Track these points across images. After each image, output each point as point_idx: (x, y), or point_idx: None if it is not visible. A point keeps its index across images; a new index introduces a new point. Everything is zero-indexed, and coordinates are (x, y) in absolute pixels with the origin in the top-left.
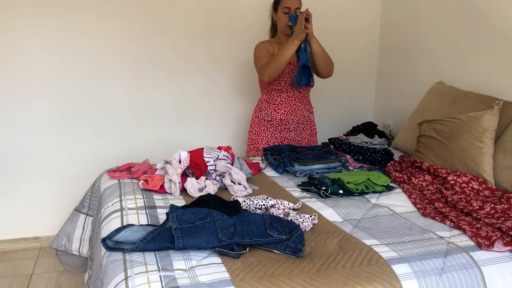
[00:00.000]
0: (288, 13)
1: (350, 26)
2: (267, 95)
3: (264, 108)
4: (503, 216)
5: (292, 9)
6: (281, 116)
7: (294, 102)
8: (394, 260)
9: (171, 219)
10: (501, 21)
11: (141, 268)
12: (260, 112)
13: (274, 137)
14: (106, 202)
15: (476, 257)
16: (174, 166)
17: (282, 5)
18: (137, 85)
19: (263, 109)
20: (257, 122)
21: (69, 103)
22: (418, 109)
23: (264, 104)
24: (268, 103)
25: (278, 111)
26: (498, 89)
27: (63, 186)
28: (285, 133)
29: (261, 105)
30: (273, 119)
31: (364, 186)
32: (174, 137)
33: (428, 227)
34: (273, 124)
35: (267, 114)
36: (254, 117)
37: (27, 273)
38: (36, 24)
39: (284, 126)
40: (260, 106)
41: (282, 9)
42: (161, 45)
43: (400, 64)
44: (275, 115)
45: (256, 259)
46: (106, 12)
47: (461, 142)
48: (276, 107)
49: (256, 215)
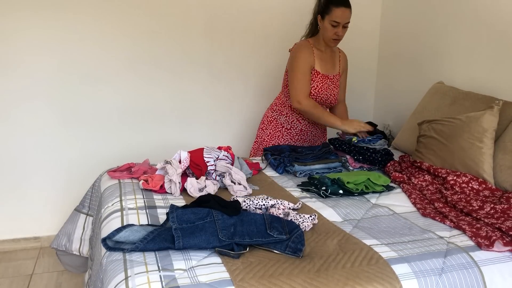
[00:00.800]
0: (336, 26)
1: (350, 26)
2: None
3: (285, 113)
4: (503, 216)
5: (341, 24)
6: (303, 126)
7: None
8: (394, 260)
9: (171, 219)
10: (501, 21)
11: (141, 268)
12: (279, 115)
13: (287, 144)
14: (106, 202)
15: (476, 257)
16: (174, 166)
17: (331, 16)
18: (137, 85)
19: (284, 114)
20: (274, 125)
21: (69, 103)
22: (418, 109)
23: (287, 109)
24: (292, 110)
25: (301, 121)
26: (498, 89)
27: (63, 186)
28: (299, 144)
29: (282, 109)
30: (292, 128)
31: (364, 186)
32: (174, 137)
33: (428, 227)
34: (290, 132)
35: (287, 121)
36: (270, 117)
37: (27, 273)
38: (36, 25)
39: (301, 137)
40: (281, 109)
41: (330, 21)
42: (161, 45)
43: (400, 64)
44: (297, 124)
45: (256, 259)
46: (106, 12)
47: (461, 142)
48: (300, 117)
49: (256, 215)
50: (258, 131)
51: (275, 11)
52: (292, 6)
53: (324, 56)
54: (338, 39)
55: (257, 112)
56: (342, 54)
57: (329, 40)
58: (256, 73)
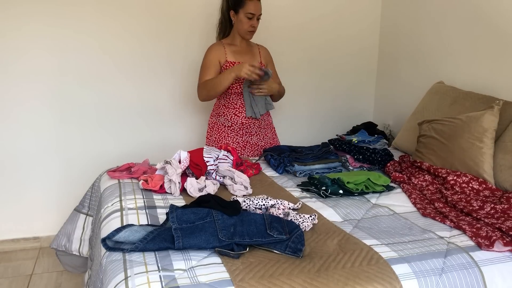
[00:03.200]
0: (252, 18)
1: (350, 26)
2: (225, 100)
3: (222, 113)
4: (503, 216)
5: (256, 15)
6: (242, 119)
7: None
8: (394, 260)
9: (171, 219)
10: (501, 21)
11: (141, 268)
12: (218, 117)
13: (236, 142)
14: (106, 202)
15: (476, 257)
16: (174, 166)
17: (245, 9)
18: (137, 85)
19: (222, 114)
20: (216, 128)
21: (69, 103)
22: (418, 109)
23: (223, 109)
24: (227, 108)
25: (239, 115)
26: (498, 89)
27: (63, 186)
28: (247, 137)
29: (219, 110)
30: (233, 124)
31: (364, 186)
32: (174, 137)
33: (428, 227)
34: (234, 129)
35: (226, 120)
36: (211, 122)
37: (27, 273)
38: (36, 24)
39: (246, 130)
40: (218, 111)
41: (245, 14)
42: (161, 45)
43: (400, 64)
44: (236, 119)
45: (256, 259)
46: (106, 12)
47: (461, 142)
48: (236, 110)
49: (256, 215)
50: (206, 140)
51: (276, 11)
52: (289, 5)
53: (239, 50)
54: (253, 31)
55: None
56: (262, 47)
57: (246, 33)
58: None
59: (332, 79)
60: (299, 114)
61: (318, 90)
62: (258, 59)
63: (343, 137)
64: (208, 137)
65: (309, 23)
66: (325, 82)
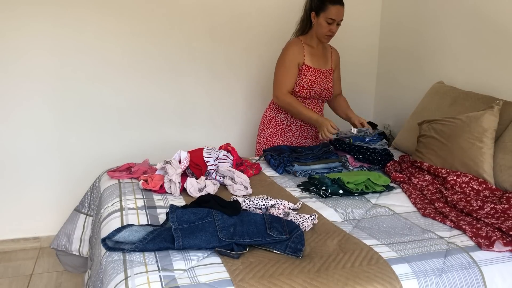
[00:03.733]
0: (331, 24)
1: (350, 26)
2: None
3: (283, 111)
4: (503, 216)
5: (337, 21)
6: (301, 122)
7: (317, 110)
8: (394, 260)
9: (171, 219)
10: (501, 21)
11: (141, 268)
12: (278, 113)
13: (290, 142)
14: (106, 202)
15: (476, 257)
16: (174, 166)
17: (326, 14)
18: (138, 85)
19: (282, 112)
20: (274, 123)
21: (69, 103)
22: (418, 109)
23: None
24: None
25: None
26: (498, 89)
27: (63, 186)
28: (302, 140)
29: (279, 106)
30: (292, 124)
31: (364, 186)
32: (174, 137)
33: (428, 227)
34: (291, 129)
35: (286, 118)
36: (269, 116)
37: (27, 273)
38: (36, 24)
39: (303, 133)
40: (278, 106)
41: (325, 18)
42: (161, 45)
43: (400, 64)
44: (295, 120)
45: (256, 259)
46: (106, 12)
47: (461, 142)
48: None
49: (256, 215)
50: (259, 131)
51: (275, 11)
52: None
53: (315, 52)
54: (331, 36)
55: (257, 111)
56: (334, 50)
57: (323, 36)
58: (256, 73)
59: None
60: None
61: None
62: (329, 63)
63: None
64: (263, 129)
65: None
66: None
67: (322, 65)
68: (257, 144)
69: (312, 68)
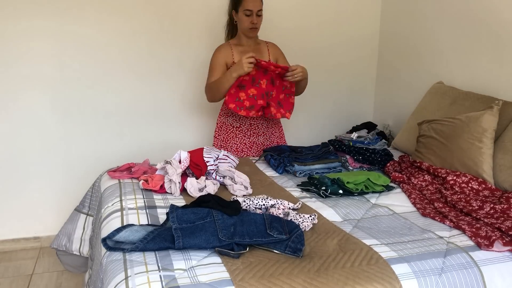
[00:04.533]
0: (250, 15)
1: (350, 26)
2: None
3: (231, 113)
4: (503, 216)
5: (255, 12)
6: (251, 120)
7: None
8: (393, 260)
9: (171, 219)
10: (501, 21)
11: (141, 268)
12: (227, 117)
13: (243, 143)
14: (106, 202)
15: (475, 257)
16: (174, 166)
17: (243, 6)
18: (138, 85)
19: (231, 115)
20: (224, 128)
21: (69, 103)
22: (418, 109)
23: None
24: None
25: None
26: (498, 89)
27: (63, 186)
28: (254, 138)
29: (228, 110)
30: (242, 125)
31: (363, 186)
32: (174, 137)
33: (428, 227)
34: (242, 130)
35: (235, 120)
36: (220, 122)
37: (27, 273)
38: (36, 24)
39: (254, 131)
40: (226, 111)
41: (243, 11)
42: (161, 45)
43: (400, 64)
44: (244, 120)
45: (256, 259)
46: (106, 12)
47: (460, 142)
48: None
49: (256, 215)
50: (214, 138)
51: (275, 11)
52: (290, 6)
53: (246, 50)
54: (255, 27)
55: None
56: (271, 44)
57: (247, 30)
58: None
59: (331, 79)
60: (299, 114)
61: (318, 90)
62: (266, 56)
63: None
64: (216, 136)
65: (310, 24)
66: (325, 82)
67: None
68: None
69: None
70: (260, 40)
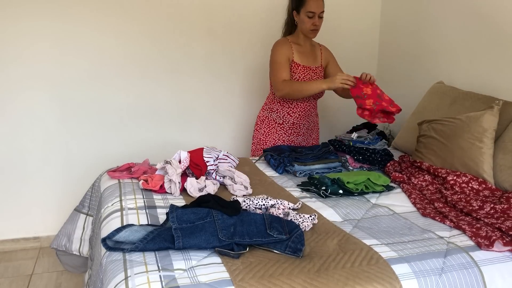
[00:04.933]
0: (313, 17)
1: (350, 26)
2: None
3: (276, 109)
4: (503, 216)
5: (317, 14)
6: (294, 119)
7: (308, 108)
8: (394, 260)
9: (171, 219)
10: (501, 21)
11: (141, 268)
12: (271, 112)
13: (282, 140)
14: (106, 202)
15: (476, 257)
16: (174, 166)
17: (306, 8)
18: (137, 85)
19: (275, 110)
20: (267, 123)
21: (69, 103)
22: (418, 109)
23: (277, 105)
24: (281, 105)
25: (292, 115)
26: (498, 89)
27: (63, 186)
28: (294, 137)
29: (273, 106)
30: (285, 122)
31: (364, 186)
32: (174, 137)
33: (428, 227)
34: (284, 127)
35: (278, 117)
36: (262, 116)
37: (27, 273)
38: (36, 24)
39: (295, 130)
40: (271, 106)
41: (306, 13)
42: (161, 45)
43: (400, 64)
44: (288, 118)
45: (256, 259)
46: (107, 12)
47: (461, 142)
48: (290, 110)
49: (256, 215)
50: (254, 132)
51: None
52: None
53: (303, 50)
54: (316, 29)
55: (256, 112)
56: (323, 47)
57: (308, 31)
58: (255, 74)
59: None
60: None
61: None
62: (319, 61)
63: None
64: (257, 130)
65: None
66: None
67: (311, 63)
68: (252, 144)
69: (301, 66)
70: (314, 42)
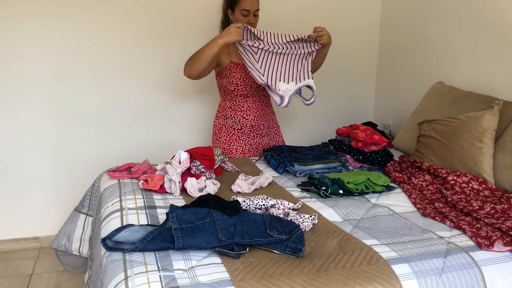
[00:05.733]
0: (248, 16)
1: (350, 26)
2: (231, 102)
3: (230, 116)
4: (503, 216)
5: (252, 12)
6: (251, 122)
7: (262, 107)
8: (394, 260)
9: (171, 219)
10: (501, 21)
11: (141, 268)
12: (225, 120)
13: (248, 144)
14: (106, 202)
15: (476, 257)
16: (174, 165)
17: (240, 6)
18: (137, 85)
19: (229, 117)
20: (225, 131)
21: (68, 103)
22: (418, 109)
23: (229, 111)
24: (234, 110)
25: (247, 118)
26: (498, 89)
27: (63, 186)
28: (259, 139)
29: (226, 112)
30: (243, 127)
31: (364, 186)
32: (174, 137)
33: (428, 227)
34: (244, 131)
35: (235, 122)
36: (218, 124)
37: (27, 273)
38: (34, 24)
39: (256, 132)
40: (225, 113)
41: (240, 11)
42: (161, 46)
43: (400, 64)
44: (244, 122)
45: (256, 259)
46: (105, 13)
47: (461, 142)
48: (244, 113)
49: (256, 215)
50: (213, 142)
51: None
52: (291, 8)
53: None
54: None
55: None
56: None
57: None
58: None
59: (331, 79)
60: (299, 114)
61: (318, 90)
62: None
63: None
64: (216, 139)
65: (308, 23)
66: (325, 82)
67: None
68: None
69: (241, 65)
70: None
